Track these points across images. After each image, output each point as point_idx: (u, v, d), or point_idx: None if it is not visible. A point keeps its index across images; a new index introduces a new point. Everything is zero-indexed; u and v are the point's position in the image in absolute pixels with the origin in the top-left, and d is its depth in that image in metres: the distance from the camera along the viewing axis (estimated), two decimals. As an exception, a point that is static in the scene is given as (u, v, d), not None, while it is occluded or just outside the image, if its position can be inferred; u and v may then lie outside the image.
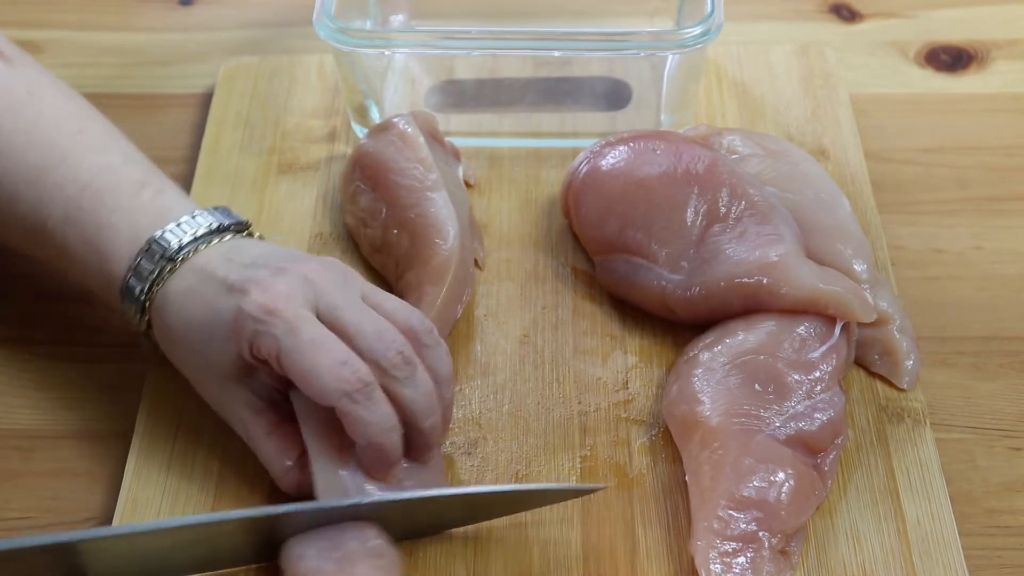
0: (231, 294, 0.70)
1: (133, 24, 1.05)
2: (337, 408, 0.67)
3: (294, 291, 0.69)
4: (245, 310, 0.68)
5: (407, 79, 0.97)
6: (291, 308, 0.68)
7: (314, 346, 0.67)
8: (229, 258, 0.73)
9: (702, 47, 0.86)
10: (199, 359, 0.72)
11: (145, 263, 0.73)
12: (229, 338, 0.69)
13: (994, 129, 0.95)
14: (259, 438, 0.72)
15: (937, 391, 0.79)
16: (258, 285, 0.69)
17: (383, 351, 0.69)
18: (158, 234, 0.73)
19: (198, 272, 0.72)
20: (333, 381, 0.67)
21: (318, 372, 0.67)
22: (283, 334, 0.67)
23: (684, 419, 0.74)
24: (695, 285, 0.78)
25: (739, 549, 0.68)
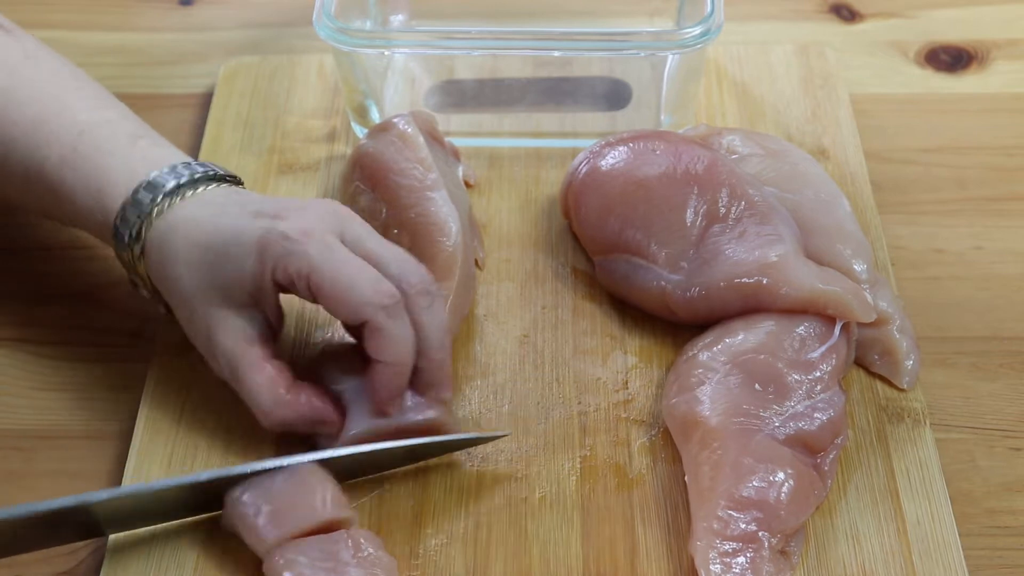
0: (258, 218, 0.72)
1: (133, 24, 1.05)
2: (371, 322, 0.70)
3: (324, 219, 0.72)
4: (278, 229, 0.71)
5: (407, 79, 0.97)
6: (322, 232, 0.71)
7: (348, 264, 0.71)
8: (240, 197, 0.75)
9: (702, 47, 0.86)
10: (204, 283, 0.73)
11: (143, 195, 0.74)
12: (253, 258, 0.71)
13: (994, 129, 0.95)
14: (251, 368, 0.72)
15: (937, 391, 0.79)
16: (289, 211, 0.72)
17: (407, 277, 0.72)
18: (154, 174, 0.75)
19: (209, 204, 0.74)
20: (371, 294, 0.70)
21: (356, 285, 0.70)
22: (317, 252, 0.70)
23: (684, 419, 0.74)
24: (695, 285, 0.78)
25: (739, 549, 0.68)
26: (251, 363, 0.72)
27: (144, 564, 0.71)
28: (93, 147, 0.76)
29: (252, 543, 0.69)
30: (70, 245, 0.88)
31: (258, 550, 0.69)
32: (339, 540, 0.68)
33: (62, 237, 0.88)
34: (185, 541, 0.72)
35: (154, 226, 0.74)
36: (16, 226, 0.89)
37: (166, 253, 0.74)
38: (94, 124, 0.78)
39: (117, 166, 0.76)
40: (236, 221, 0.73)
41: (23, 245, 0.88)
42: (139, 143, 0.77)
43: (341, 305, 0.71)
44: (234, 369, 0.73)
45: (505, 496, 0.74)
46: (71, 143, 0.76)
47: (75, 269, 0.87)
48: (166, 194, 0.74)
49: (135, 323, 0.83)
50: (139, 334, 0.83)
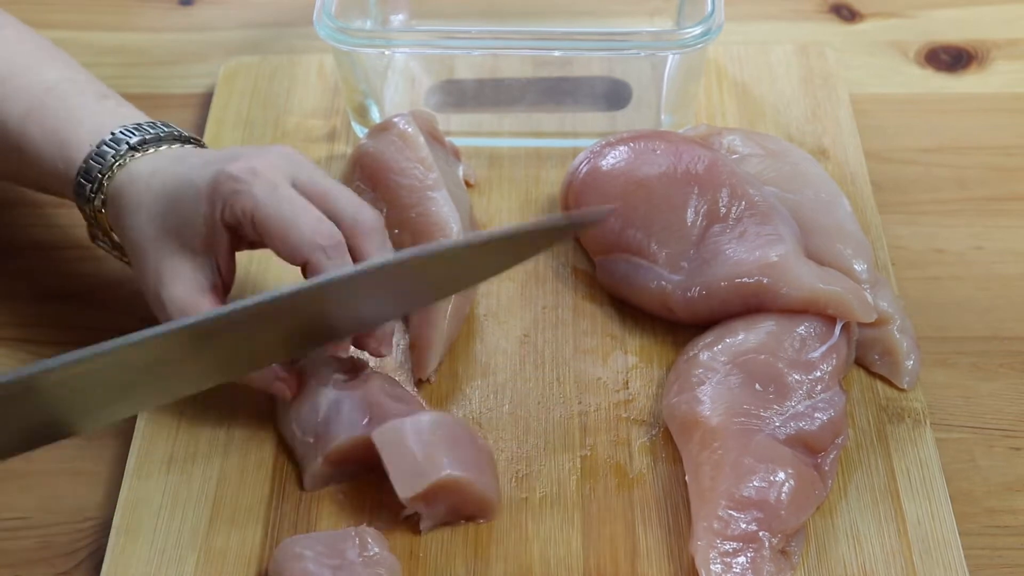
0: (210, 164, 0.73)
1: (133, 24, 1.05)
2: (310, 262, 0.70)
3: (275, 162, 0.73)
4: (226, 171, 0.71)
5: (407, 79, 0.97)
6: (271, 172, 0.72)
7: (292, 203, 0.71)
8: (201, 151, 0.77)
9: (702, 47, 0.86)
10: (158, 229, 0.73)
11: (107, 148, 0.75)
12: (203, 198, 0.72)
13: (994, 129, 0.95)
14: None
15: (937, 391, 0.79)
16: (240, 156, 0.73)
17: (359, 215, 0.72)
18: (119, 130, 0.76)
19: (169, 157, 0.75)
20: (310, 235, 0.70)
21: (297, 225, 0.70)
22: (261, 192, 0.71)
23: (684, 419, 0.74)
24: (695, 285, 0.78)
25: (739, 549, 0.68)
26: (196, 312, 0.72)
27: (145, 564, 0.71)
28: (60, 103, 0.77)
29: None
30: (70, 245, 0.88)
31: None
32: (346, 538, 0.69)
33: (62, 237, 0.88)
34: (186, 541, 0.72)
35: (115, 178, 0.75)
36: (16, 226, 0.89)
37: (124, 202, 0.75)
38: (62, 81, 0.79)
39: (84, 120, 0.77)
40: (189, 170, 0.74)
41: (23, 245, 0.88)
42: (106, 102, 0.79)
43: (282, 244, 0.71)
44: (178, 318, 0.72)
45: (505, 496, 0.73)
46: (38, 98, 0.77)
47: (75, 269, 0.87)
48: (130, 147, 0.75)
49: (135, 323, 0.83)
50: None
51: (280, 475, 0.75)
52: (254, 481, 0.74)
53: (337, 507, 0.73)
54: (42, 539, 0.74)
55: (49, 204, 0.90)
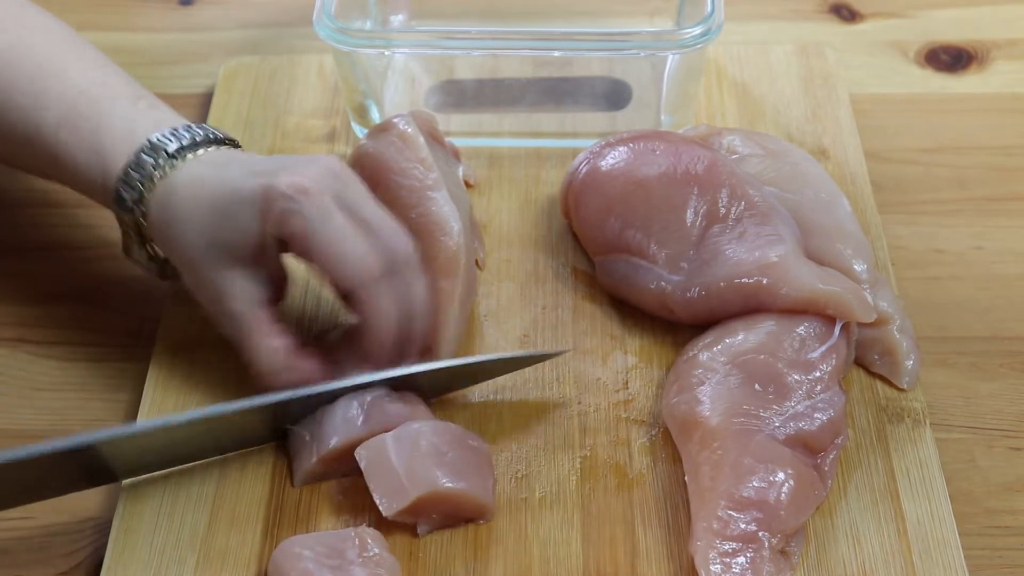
0: (257, 176, 0.72)
1: (133, 24, 1.05)
2: (358, 294, 0.72)
3: (324, 179, 0.72)
4: (276, 187, 0.71)
5: (407, 79, 0.97)
6: (321, 192, 0.71)
7: (342, 232, 0.71)
8: (242, 157, 0.76)
9: (702, 47, 0.86)
10: (208, 243, 0.73)
11: (145, 157, 0.74)
12: (254, 213, 0.71)
13: (994, 129, 0.95)
14: (257, 330, 0.73)
15: (937, 391, 0.79)
16: (288, 169, 0.72)
17: (398, 247, 0.73)
18: (156, 136, 0.75)
19: (211, 164, 0.74)
20: (358, 268, 0.71)
21: (345, 257, 0.71)
22: (312, 215, 0.71)
23: (684, 419, 0.74)
24: (695, 286, 0.78)
25: (739, 549, 0.68)
26: (257, 328, 0.73)
27: (145, 564, 0.71)
28: (92, 108, 0.76)
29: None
30: (70, 245, 0.88)
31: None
32: (346, 538, 0.69)
33: (62, 237, 0.88)
34: (185, 541, 0.72)
35: (157, 188, 0.74)
36: (16, 226, 0.90)
37: (171, 215, 0.74)
38: (93, 84, 0.78)
39: (117, 127, 0.76)
40: (238, 179, 0.73)
41: (23, 245, 0.88)
42: (139, 104, 0.78)
43: (329, 271, 0.72)
44: (240, 332, 0.74)
45: (505, 496, 0.73)
46: (70, 103, 0.76)
47: (75, 269, 0.87)
48: (169, 155, 0.74)
49: (135, 323, 0.83)
50: (139, 334, 0.83)
51: (279, 475, 0.75)
52: (254, 481, 0.74)
53: (337, 507, 0.73)
54: (42, 539, 0.74)
55: (49, 204, 0.91)
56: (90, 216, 0.89)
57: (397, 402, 0.73)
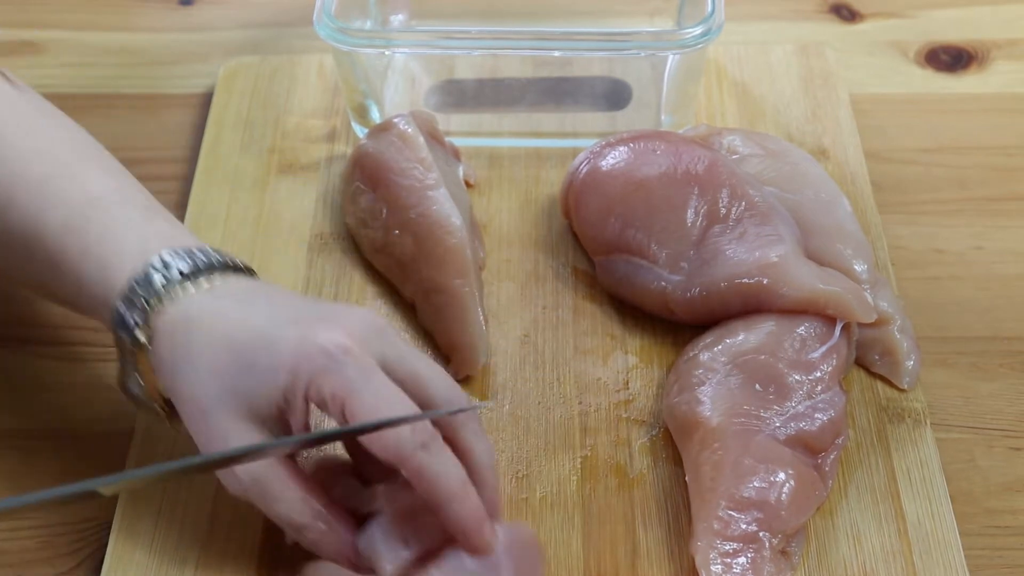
0: (290, 325, 0.65)
1: (133, 24, 1.05)
2: (411, 462, 0.63)
3: (366, 336, 0.65)
4: (315, 342, 0.63)
5: (407, 79, 0.97)
6: (363, 351, 0.64)
7: (387, 397, 0.63)
8: (267, 293, 0.69)
9: (702, 47, 0.86)
10: (226, 391, 0.65)
11: (154, 273, 0.67)
12: (285, 368, 0.64)
13: (994, 129, 0.95)
14: (278, 486, 0.65)
15: (937, 391, 0.79)
16: (327, 321, 0.65)
17: (456, 398, 0.66)
18: (168, 253, 0.67)
19: (231, 298, 0.67)
20: (408, 434, 0.62)
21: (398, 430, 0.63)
22: (356, 377, 0.63)
23: (684, 419, 0.74)
24: (695, 286, 0.78)
25: (739, 549, 0.68)
26: (277, 482, 0.65)
27: (145, 564, 0.71)
28: (102, 214, 0.69)
29: None
30: (70, 245, 0.88)
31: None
32: None
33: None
34: (186, 541, 0.72)
35: (166, 314, 0.66)
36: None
37: (183, 351, 0.66)
38: (107, 191, 0.71)
39: (127, 238, 0.68)
40: (267, 325, 0.65)
41: (23, 245, 0.88)
42: (154, 219, 0.70)
43: (376, 441, 0.63)
44: (262, 489, 0.65)
45: (505, 496, 0.73)
46: (79, 208, 0.69)
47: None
48: (182, 276, 0.67)
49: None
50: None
51: (280, 475, 0.75)
52: (254, 481, 0.74)
53: (337, 507, 0.73)
54: (42, 539, 0.74)
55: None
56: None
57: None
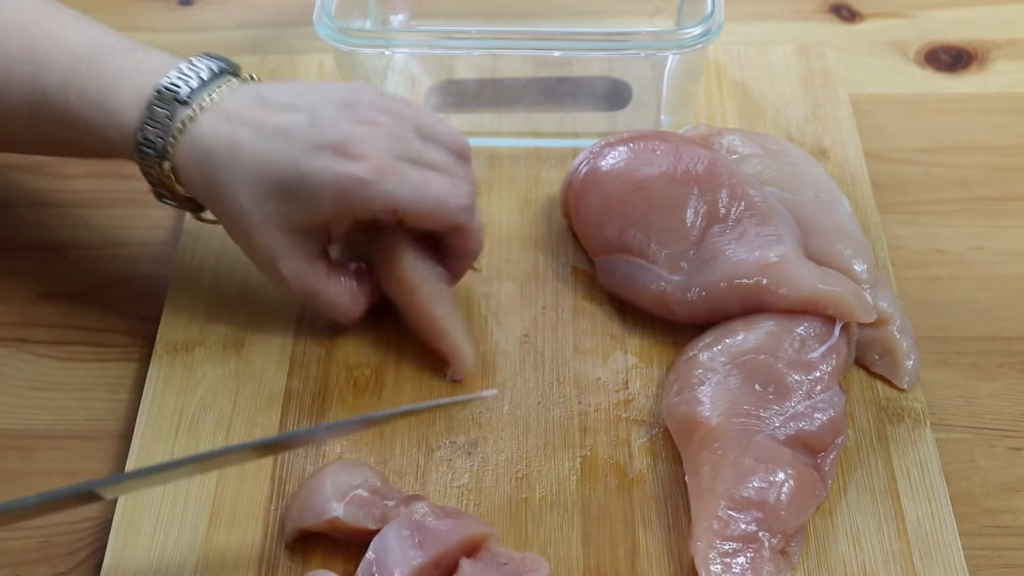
0: (319, 154, 0.73)
1: (133, 24, 1.05)
2: (460, 224, 0.76)
3: (388, 145, 0.74)
4: (353, 175, 0.72)
5: (407, 79, 0.97)
6: (394, 162, 0.73)
7: (427, 184, 0.74)
8: (261, 106, 0.75)
9: (702, 47, 0.86)
10: (267, 213, 0.73)
11: (158, 111, 0.74)
12: (328, 202, 0.73)
13: (994, 129, 0.95)
14: (320, 282, 0.76)
15: (937, 391, 0.79)
16: (353, 145, 0.73)
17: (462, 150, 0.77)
18: (164, 81, 0.74)
19: (240, 122, 0.74)
20: (456, 202, 0.75)
21: (441, 201, 0.74)
22: (397, 186, 0.73)
23: (684, 419, 0.74)
24: (695, 286, 0.78)
25: (739, 549, 0.68)
26: (318, 279, 0.76)
27: (145, 564, 0.71)
28: (91, 67, 0.75)
29: None
30: (70, 245, 0.88)
31: None
32: None
33: (62, 237, 0.88)
34: (185, 541, 0.72)
35: (181, 143, 0.74)
36: (16, 226, 0.89)
37: (214, 178, 0.74)
38: (85, 42, 0.76)
39: (121, 84, 0.75)
40: (295, 157, 0.73)
41: (23, 245, 0.88)
42: (134, 54, 0.76)
43: (433, 223, 0.75)
44: (306, 286, 0.76)
45: (505, 496, 0.74)
46: (69, 66, 0.75)
47: (75, 269, 0.87)
48: (182, 103, 0.74)
49: (135, 323, 0.83)
50: (139, 334, 0.83)
51: (280, 475, 0.75)
52: (254, 481, 0.74)
53: (337, 507, 0.73)
54: (42, 539, 0.74)
55: (49, 204, 0.90)
56: (91, 216, 0.89)
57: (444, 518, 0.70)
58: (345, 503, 0.70)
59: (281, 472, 0.75)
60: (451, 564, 0.68)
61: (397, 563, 0.67)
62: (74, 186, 0.92)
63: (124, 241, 0.88)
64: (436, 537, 0.68)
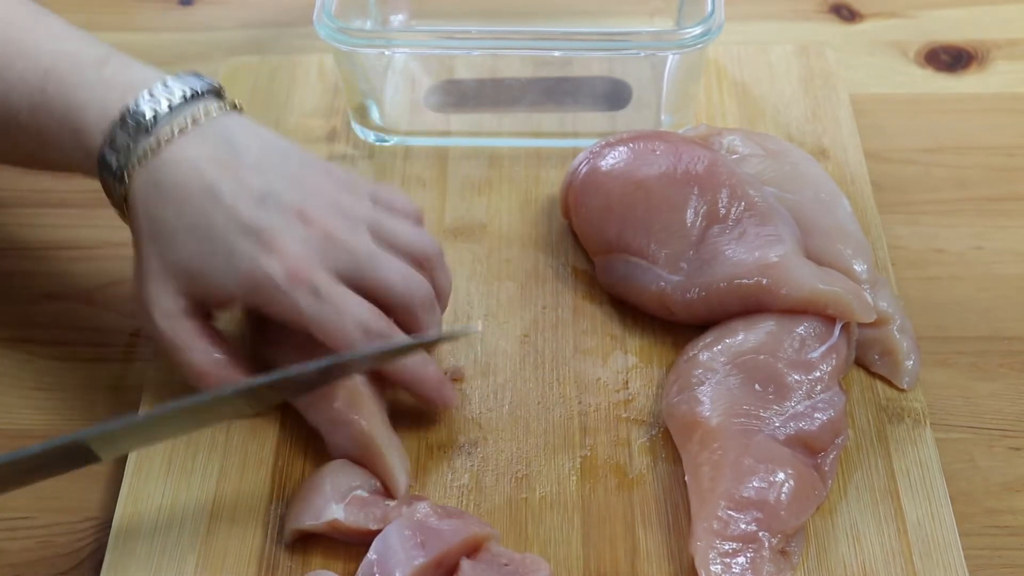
0: (245, 237, 0.70)
1: (133, 24, 1.05)
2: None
3: (313, 254, 0.70)
4: (267, 273, 0.69)
5: (407, 79, 0.97)
6: (314, 273, 0.70)
7: (337, 307, 0.70)
8: (224, 163, 0.71)
9: (702, 47, 0.86)
10: (179, 260, 0.71)
11: (120, 135, 0.71)
12: (236, 286, 0.70)
13: (994, 129, 0.95)
14: (189, 338, 0.72)
15: (937, 391, 0.79)
16: (277, 241, 0.70)
17: (411, 297, 0.72)
18: (131, 104, 0.71)
19: (192, 172, 0.71)
20: (356, 333, 0.70)
21: (345, 335, 0.70)
22: (307, 304, 0.70)
23: (684, 419, 0.74)
24: (695, 286, 0.78)
25: (739, 549, 0.68)
26: (187, 335, 0.72)
27: (145, 564, 0.71)
28: (60, 85, 0.72)
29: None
30: (70, 245, 0.88)
31: None
32: None
33: (62, 237, 0.88)
34: (186, 541, 0.72)
35: (137, 175, 0.71)
36: (16, 226, 0.90)
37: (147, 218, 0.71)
38: (58, 59, 0.73)
39: (89, 101, 0.72)
40: (223, 231, 0.70)
41: (23, 245, 0.88)
42: (106, 69, 0.73)
43: (329, 343, 0.71)
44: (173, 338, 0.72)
45: (505, 496, 0.74)
46: (39, 85, 0.73)
47: (75, 269, 0.87)
48: (144, 129, 0.71)
49: (135, 323, 0.83)
50: (139, 334, 0.83)
51: (280, 475, 0.75)
52: (254, 481, 0.74)
53: (337, 507, 0.73)
54: (42, 539, 0.74)
55: (49, 204, 0.91)
56: (90, 216, 0.89)
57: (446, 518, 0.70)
58: (345, 504, 0.70)
59: (281, 472, 0.75)
60: (452, 564, 0.68)
61: (399, 563, 0.67)
62: (74, 186, 0.91)
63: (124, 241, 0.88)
64: (438, 537, 0.68)
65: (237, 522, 0.73)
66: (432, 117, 0.95)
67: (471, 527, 0.69)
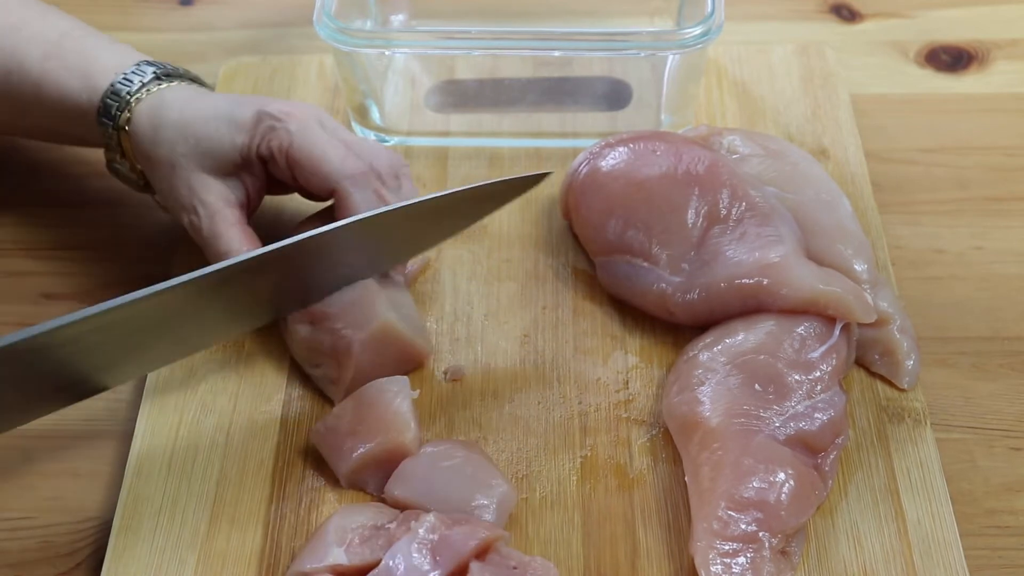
0: (247, 104, 0.79)
1: (133, 24, 1.05)
2: (339, 191, 0.77)
3: (306, 109, 0.80)
4: (266, 109, 0.79)
5: (407, 79, 0.97)
6: (304, 115, 0.79)
7: (323, 139, 0.78)
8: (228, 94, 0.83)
9: (702, 47, 0.86)
10: (192, 149, 0.79)
11: (134, 75, 0.81)
12: (243, 131, 0.78)
13: (994, 129, 0.95)
14: (224, 225, 0.78)
15: (937, 391, 0.79)
16: (273, 103, 0.80)
17: (377, 158, 0.79)
18: (142, 61, 0.82)
19: (199, 91, 0.82)
20: (339, 165, 0.77)
21: (328, 157, 0.78)
22: (296, 129, 0.78)
23: (684, 419, 0.74)
24: (695, 287, 0.78)
25: (739, 549, 0.68)
26: (224, 223, 0.78)
27: (145, 564, 0.71)
28: (77, 44, 0.82)
29: None
30: (70, 245, 0.88)
31: None
32: None
33: (62, 237, 0.88)
34: (186, 541, 0.72)
35: (144, 100, 0.80)
36: (16, 225, 0.89)
37: (156, 122, 0.79)
38: (74, 28, 0.83)
39: (105, 52, 0.82)
40: (229, 104, 0.80)
41: (24, 245, 0.88)
42: (118, 45, 0.83)
43: (313, 175, 0.78)
44: (212, 223, 0.78)
45: (505, 496, 0.74)
46: (54, 42, 0.82)
47: (75, 269, 0.87)
48: (156, 76, 0.81)
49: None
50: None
51: (280, 476, 0.75)
52: (254, 481, 0.74)
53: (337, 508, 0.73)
54: (42, 539, 0.74)
55: (49, 203, 0.91)
56: (90, 216, 0.89)
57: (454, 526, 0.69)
58: (346, 547, 0.69)
59: (281, 472, 0.75)
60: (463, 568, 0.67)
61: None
62: (76, 186, 0.92)
63: (124, 241, 0.88)
64: (450, 547, 0.67)
65: (237, 523, 0.73)
66: (432, 117, 0.95)
67: (481, 532, 0.68)
